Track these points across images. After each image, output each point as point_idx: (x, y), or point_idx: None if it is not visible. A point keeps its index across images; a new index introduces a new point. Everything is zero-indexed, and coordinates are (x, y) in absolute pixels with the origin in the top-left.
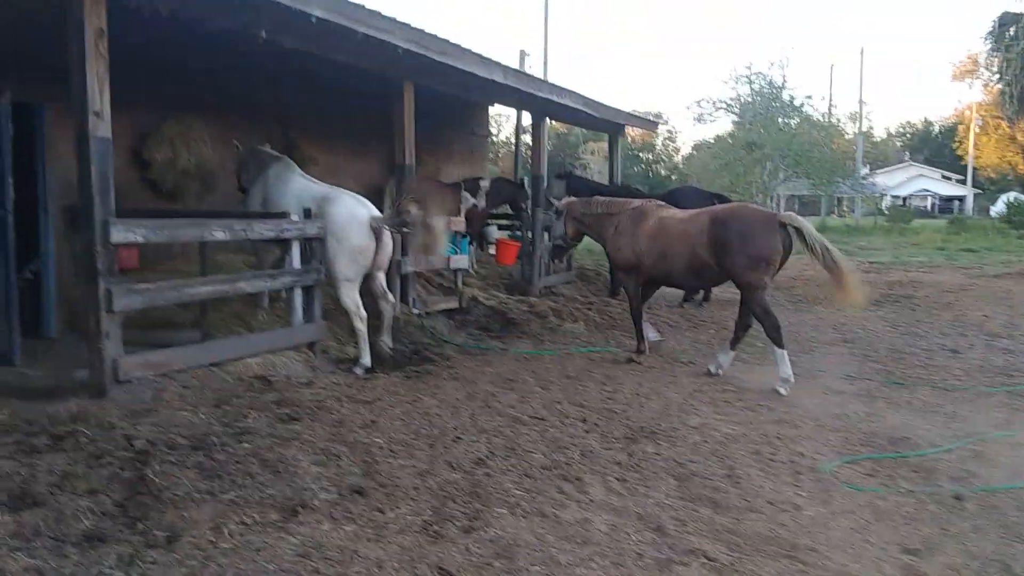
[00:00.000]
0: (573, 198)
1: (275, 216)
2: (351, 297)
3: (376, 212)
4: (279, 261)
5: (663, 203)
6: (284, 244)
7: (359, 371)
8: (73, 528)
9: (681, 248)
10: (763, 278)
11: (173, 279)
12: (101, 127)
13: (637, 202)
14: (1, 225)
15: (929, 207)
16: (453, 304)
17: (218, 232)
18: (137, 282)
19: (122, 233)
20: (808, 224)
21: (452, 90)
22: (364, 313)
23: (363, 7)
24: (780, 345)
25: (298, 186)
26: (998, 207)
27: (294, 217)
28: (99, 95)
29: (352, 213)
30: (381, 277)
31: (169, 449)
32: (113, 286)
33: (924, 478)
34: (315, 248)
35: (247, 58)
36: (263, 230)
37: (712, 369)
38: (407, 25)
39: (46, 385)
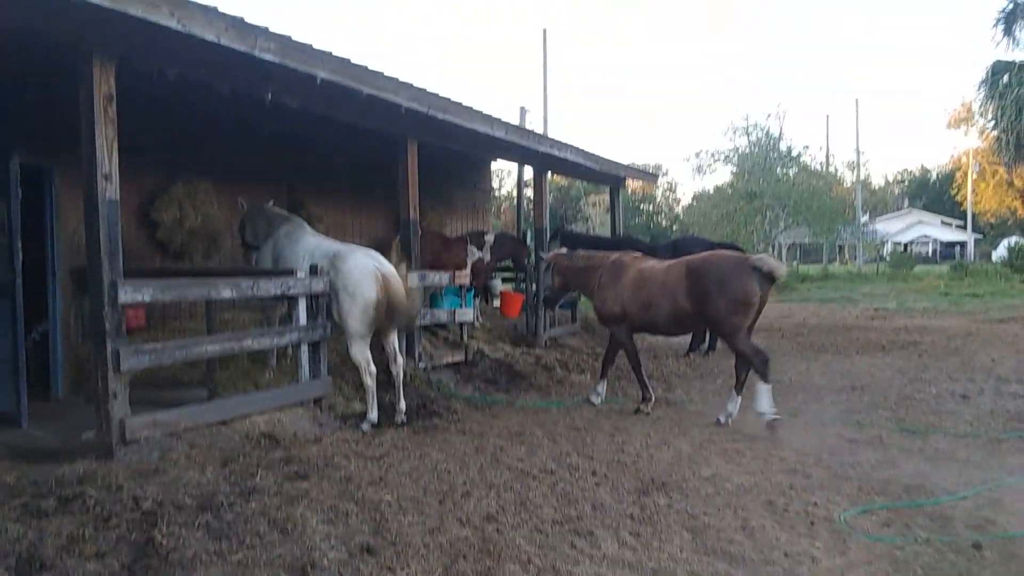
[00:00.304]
0: (561, 250)
1: (281, 273)
2: (362, 352)
3: (388, 267)
4: (286, 317)
5: (640, 254)
6: (290, 301)
7: (366, 427)
8: None
9: (662, 298)
10: (743, 321)
11: (180, 338)
12: (110, 189)
13: (616, 255)
14: (9, 288)
15: (930, 253)
16: (459, 357)
17: (225, 290)
18: (144, 341)
19: (130, 294)
20: (779, 266)
21: (455, 146)
22: (374, 369)
23: (367, 68)
24: (766, 380)
25: (310, 244)
26: (1000, 252)
27: (300, 274)
28: (108, 158)
29: (364, 267)
30: (393, 338)
31: (177, 510)
32: (120, 346)
33: (941, 527)
34: (323, 304)
35: (253, 119)
36: (269, 287)
37: (722, 419)
38: (410, 85)
39: (53, 446)
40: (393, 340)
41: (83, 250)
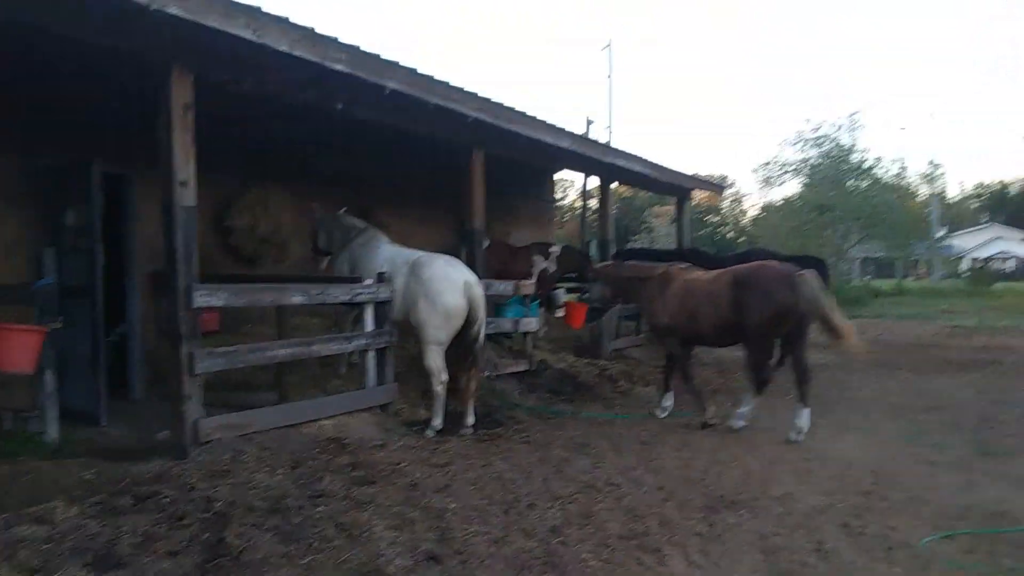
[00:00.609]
0: (609, 262)
1: (349, 280)
2: (435, 360)
3: (471, 275)
4: (352, 324)
5: (688, 265)
6: (358, 308)
7: (430, 433)
8: None
9: (708, 308)
10: (776, 333)
11: (252, 342)
12: (187, 196)
13: (663, 267)
14: (90, 291)
15: (1010, 269)
16: (523, 367)
17: (296, 296)
18: (217, 345)
19: (204, 298)
20: (815, 284)
21: (521, 156)
22: (446, 377)
23: (434, 78)
24: (758, 394)
25: (388, 252)
26: None
27: (367, 281)
28: (185, 165)
29: (445, 274)
30: (477, 347)
31: (247, 511)
32: (195, 349)
33: None
34: (388, 311)
35: (323, 128)
36: (338, 294)
37: (792, 436)
38: (476, 95)
39: (130, 445)
40: (477, 349)
41: (160, 254)
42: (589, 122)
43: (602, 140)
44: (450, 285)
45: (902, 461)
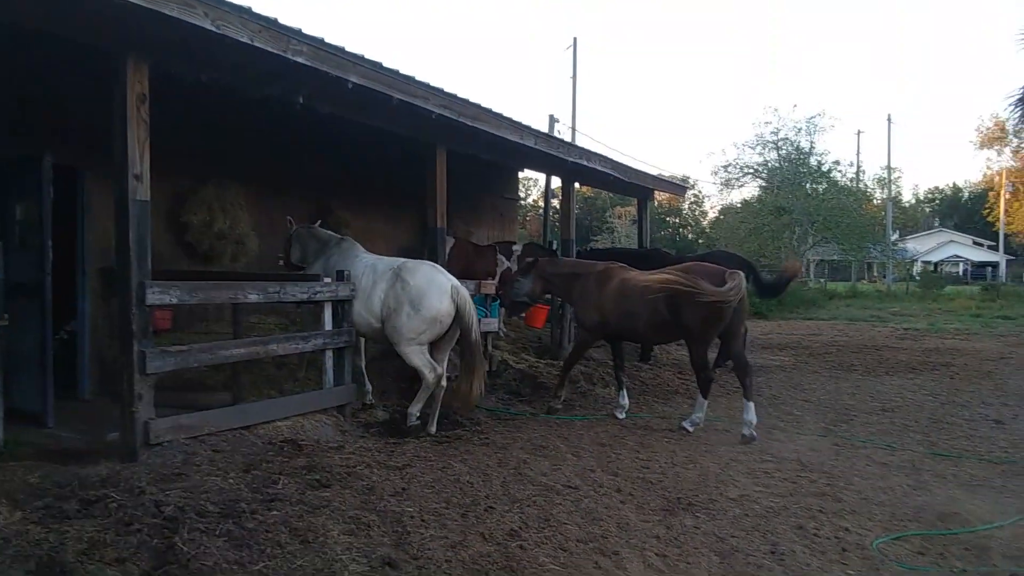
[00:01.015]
0: (544, 257)
1: (308, 278)
2: (420, 356)
3: (455, 280)
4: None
5: (625, 265)
6: (317, 306)
7: (412, 421)
8: None
9: (644, 307)
10: (713, 332)
11: (206, 341)
12: (140, 190)
13: (602, 265)
14: (39, 287)
15: (961, 273)
16: (484, 367)
17: (252, 294)
18: (170, 344)
19: (157, 295)
20: (741, 283)
21: (485, 154)
22: (441, 369)
23: (398, 72)
24: (705, 396)
25: (368, 259)
26: None
27: (326, 280)
28: (139, 158)
29: (431, 279)
30: (446, 354)
31: (199, 516)
32: (147, 348)
33: (978, 556)
34: (347, 310)
35: (284, 123)
36: (296, 292)
37: (745, 432)
38: (441, 91)
39: (78, 447)
40: (446, 355)
41: (112, 251)
42: (553, 120)
43: (566, 139)
44: (437, 289)
45: (855, 462)
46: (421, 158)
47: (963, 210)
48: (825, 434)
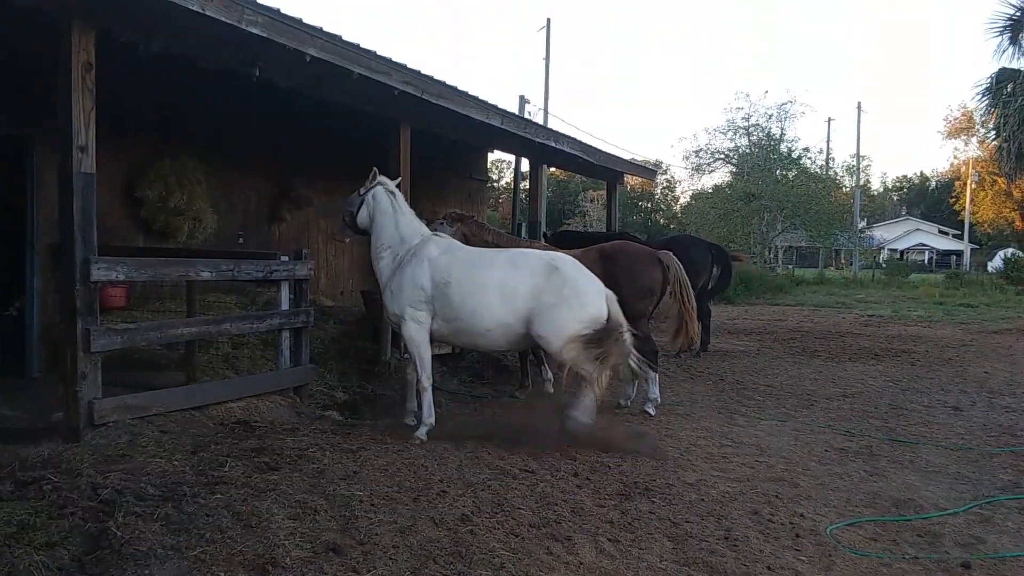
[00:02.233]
0: (472, 217)
1: (263, 256)
2: (574, 352)
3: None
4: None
5: (551, 247)
6: (273, 286)
7: (584, 418)
8: None
9: None
10: (647, 308)
11: (158, 319)
12: (85, 162)
13: (526, 243)
14: None
15: (926, 261)
16: (446, 349)
17: (205, 272)
18: (121, 321)
19: (103, 271)
20: (678, 263)
21: (449, 134)
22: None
23: (359, 47)
24: (654, 370)
25: (506, 253)
26: (995, 263)
27: (283, 257)
28: (84, 129)
29: (588, 275)
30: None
31: (137, 500)
32: (92, 326)
33: (930, 543)
34: (305, 289)
35: (243, 97)
36: (251, 270)
37: (621, 401)
38: (404, 66)
39: (21, 427)
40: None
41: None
42: (524, 101)
43: (536, 121)
44: (596, 287)
45: (814, 448)
46: (387, 137)
47: (930, 199)
48: (785, 419)
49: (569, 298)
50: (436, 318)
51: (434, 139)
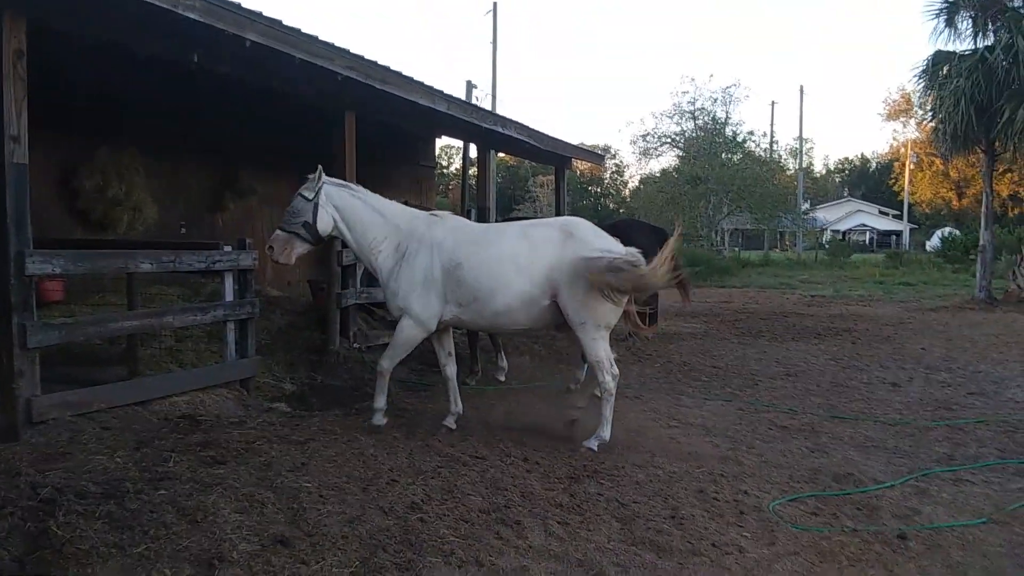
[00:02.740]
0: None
1: (206, 246)
2: (605, 348)
3: None
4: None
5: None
6: (217, 276)
7: (593, 444)
8: None
9: None
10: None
11: (98, 313)
12: (18, 152)
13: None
14: None
15: (867, 242)
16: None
17: (144, 263)
18: (59, 316)
19: (38, 265)
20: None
21: (395, 120)
22: (617, 370)
23: (300, 31)
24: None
25: (510, 225)
26: (933, 242)
27: (227, 247)
28: (16, 118)
29: (601, 234)
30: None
31: (78, 498)
32: (28, 321)
33: (868, 516)
34: (250, 279)
35: (184, 85)
36: (192, 261)
37: (571, 386)
38: (346, 51)
39: None
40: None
41: None
42: (471, 87)
43: (486, 107)
44: (615, 245)
45: (757, 427)
46: (332, 123)
47: (871, 180)
48: (731, 399)
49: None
50: (449, 304)
51: (381, 126)
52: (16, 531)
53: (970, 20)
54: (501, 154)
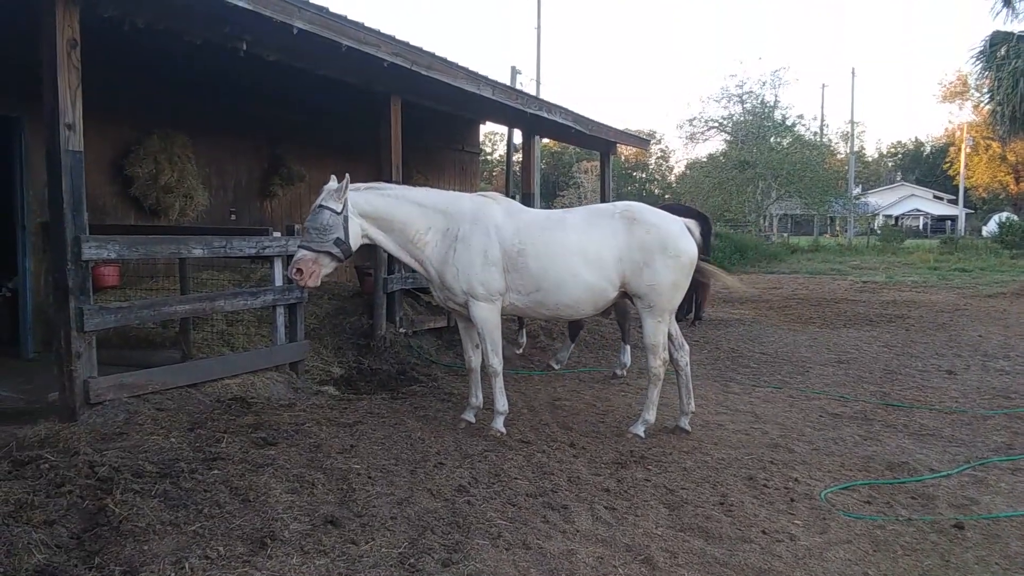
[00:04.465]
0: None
1: (255, 232)
2: (664, 334)
3: None
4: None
5: None
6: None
7: (640, 430)
8: (24, 563)
9: None
10: None
11: (152, 297)
12: (73, 140)
13: None
14: None
15: (921, 227)
16: (441, 323)
17: (196, 249)
18: (114, 300)
19: (94, 250)
20: None
21: (440, 105)
22: (667, 355)
23: (346, 18)
24: (572, 341)
25: (564, 212)
26: (990, 227)
27: (276, 233)
28: (71, 107)
29: (664, 215)
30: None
31: (134, 477)
32: (84, 305)
33: (923, 505)
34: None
35: (232, 72)
36: (243, 246)
37: (617, 371)
38: (392, 38)
39: (18, 407)
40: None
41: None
42: (515, 72)
43: (528, 91)
44: (679, 225)
45: (809, 414)
46: (377, 109)
47: (924, 164)
48: (781, 386)
49: (660, 246)
50: (510, 291)
51: (425, 112)
52: (74, 508)
53: None
54: (545, 140)
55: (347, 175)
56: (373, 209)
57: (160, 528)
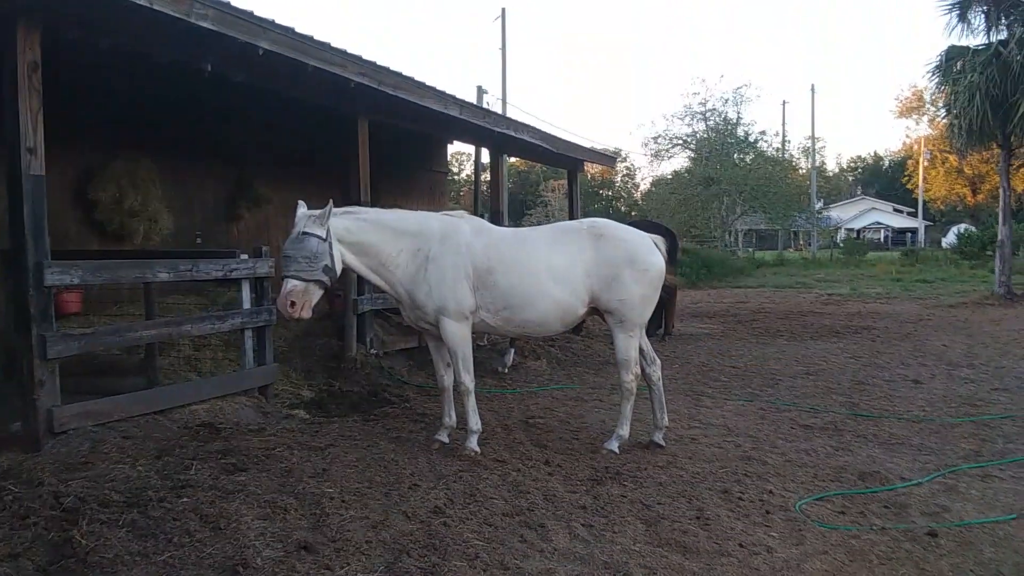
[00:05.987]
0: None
1: (223, 255)
2: (635, 349)
3: None
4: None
5: None
6: (235, 285)
7: (614, 446)
8: None
9: None
10: None
11: (116, 323)
12: (34, 164)
13: None
14: None
15: (882, 239)
16: (413, 343)
17: (162, 272)
18: (78, 327)
19: (57, 276)
20: None
21: (407, 125)
22: (639, 370)
23: (312, 39)
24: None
25: (532, 230)
26: (949, 238)
27: (243, 255)
28: (32, 130)
29: (627, 228)
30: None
31: (101, 507)
32: (47, 332)
33: (896, 514)
34: (266, 286)
35: (198, 94)
36: (210, 269)
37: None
38: (359, 58)
39: None
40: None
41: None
42: (482, 91)
43: (495, 110)
44: (643, 240)
45: (780, 426)
46: (344, 130)
47: (884, 178)
48: (751, 399)
49: (628, 260)
50: (480, 309)
51: (394, 132)
52: (40, 540)
53: (983, 14)
54: (513, 159)
55: (331, 201)
56: (349, 234)
57: (128, 559)
